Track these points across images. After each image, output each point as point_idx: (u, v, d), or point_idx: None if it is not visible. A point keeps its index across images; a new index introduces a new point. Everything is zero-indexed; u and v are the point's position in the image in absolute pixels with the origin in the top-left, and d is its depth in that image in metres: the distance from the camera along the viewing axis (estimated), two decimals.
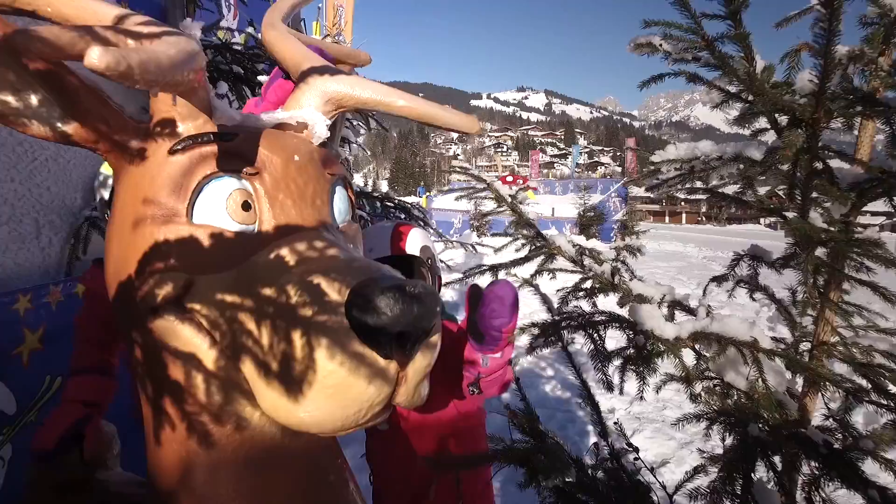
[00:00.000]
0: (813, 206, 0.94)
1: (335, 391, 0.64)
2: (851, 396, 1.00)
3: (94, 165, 2.17)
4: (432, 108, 0.95)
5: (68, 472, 1.35)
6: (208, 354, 0.74)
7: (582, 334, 1.09)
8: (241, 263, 0.74)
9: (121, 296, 0.78)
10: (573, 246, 1.41)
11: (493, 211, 1.83)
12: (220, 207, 0.76)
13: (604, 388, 1.28)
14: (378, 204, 3.89)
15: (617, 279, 1.28)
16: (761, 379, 0.96)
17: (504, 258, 1.65)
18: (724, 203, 1.10)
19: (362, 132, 6.73)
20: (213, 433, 0.78)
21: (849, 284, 1.09)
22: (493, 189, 1.66)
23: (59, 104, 0.74)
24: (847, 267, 1.06)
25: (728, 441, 1.07)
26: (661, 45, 0.90)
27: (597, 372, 1.26)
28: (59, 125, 0.75)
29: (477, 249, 4.23)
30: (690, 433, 3.80)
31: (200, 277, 0.74)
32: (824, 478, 0.83)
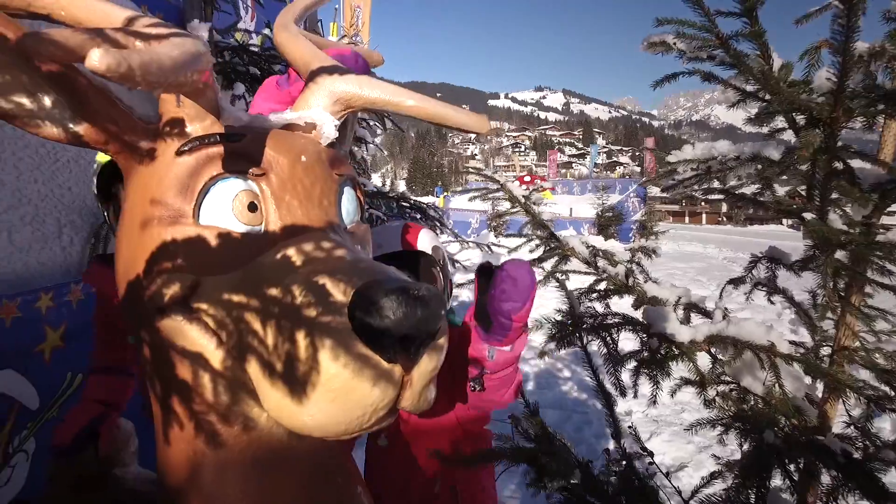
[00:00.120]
0: (833, 208, 0.92)
1: (338, 394, 0.64)
2: (873, 404, 0.97)
3: None
4: (442, 108, 0.94)
5: (85, 468, 1.37)
6: (215, 354, 0.74)
7: (594, 337, 1.07)
8: (248, 264, 0.74)
9: (129, 295, 0.79)
10: (587, 247, 1.39)
11: (508, 211, 1.82)
12: (226, 208, 0.77)
13: (617, 390, 1.26)
14: (394, 204, 3.89)
15: (631, 281, 1.26)
16: (778, 384, 0.94)
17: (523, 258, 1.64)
18: (741, 204, 1.07)
19: (379, 132, 6.75)
20: (220, 433, 0.78)
21: (871, 288, 1.05)
22: (506, 190, 1.65)
23: (69, 106, 0.74)
24: (870, 270, 1.03)
25: (745, 447, 1.05)
26: (675, 44, 0.88)
27: (609, 375, 1.24)
28: (70, 126, 0.75)
29: (492, 250, 4.21)
30: (709, 437, 3.73)
31: (207, 278, 0.74)
32: (843, 488, 0.80)
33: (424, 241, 1.44)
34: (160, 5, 2.68)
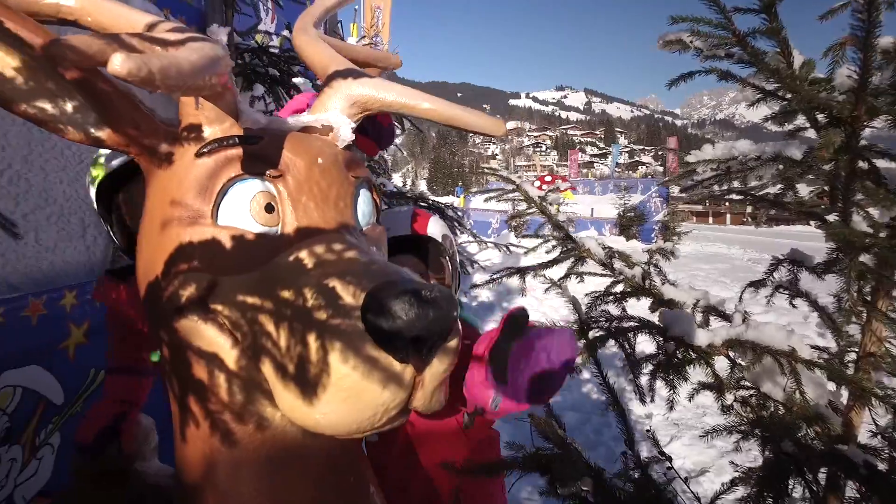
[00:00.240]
0: (856, 210, 0.89)
1: (349, 394, 0.65)
2: None
3: None
4: (457, 110, 0.95)
5: (108, 463, 1.40)
6: (230, 354, 0.76)
7: (608, 342, 1.06)
8: (264, 265, 0.75)
9: (149, 295, 0.81)
10: (603, 249, 1.38)
11: (524, 212, 1.81)
12: (243, 209, 0.78)
13: (636, 395, 1.25)
14: (412, 204, 3.91)
15: (648, 283, 1.25)
16: (799, 391, 0.92)
17: (537, 260, 1.63)
18: (761, 205, 1.05)
19: (398, 133, 6.78)
20: (235, 432, 0.79)
21: None
22: (521, 190, 1.65)
23: (93, 110, 0.76)
24: None
25: (764, 455, 1.03)
26: (691, 42, 0.86)
27: (628, 382, 1.22)
28: (92, 130, 0.77)
29: (511, 250, 4.20)
30: (732, 441, 3.68)
31: (224, 278, 0.76)
32: (866, 502, 0.78)
33: (434, 228, 1.40)
34: (182, 8, 2.73)
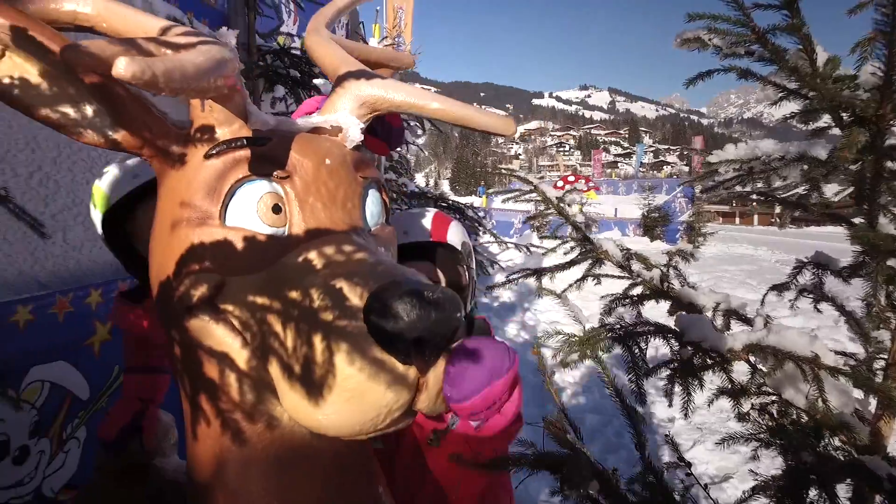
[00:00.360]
0: (883, 212, 0.86)
1: (353, 395, 0.65)
2: None
3: None
4: (467, 109, 0.94)
5: (130, 458, 1.43)
6: (240, 354, 0.76)
7: (622, 347, 1.04)
8: (271, 265, 0.76)
9: (161, 295, 0.82)
10: (621, 250, 1.35)
11: (542, 213, 1.79)
12: (251, 210, 0.78)
13: (663, 396, 1.22)
14: (433, 204, 3.91)
15: (666, 286, 1.22)
16: (821, 398, 0.88)
17: (557, 261, 1.61)
18: (785, 207, 1.02)
19: (420, 133, 6.80)
20: (245, 430, 0.79)
21: None
22: (539, 191, 1.63)
23: (109, 113, 0.78)
24: None
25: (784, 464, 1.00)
26: (710, 40, 0.84)
27: (650, 386, 1.19)
28: (109, 133, 0.79)
29: (531, 251, 4.17)
30: (754, 448, 3.59)
31: (232, 279, 0.76)
32: None
33: (454, 234, 1.37)
34: (205, 11, 2.78)
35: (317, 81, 2.85)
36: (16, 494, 1.77)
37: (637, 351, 1.05)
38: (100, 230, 1.30)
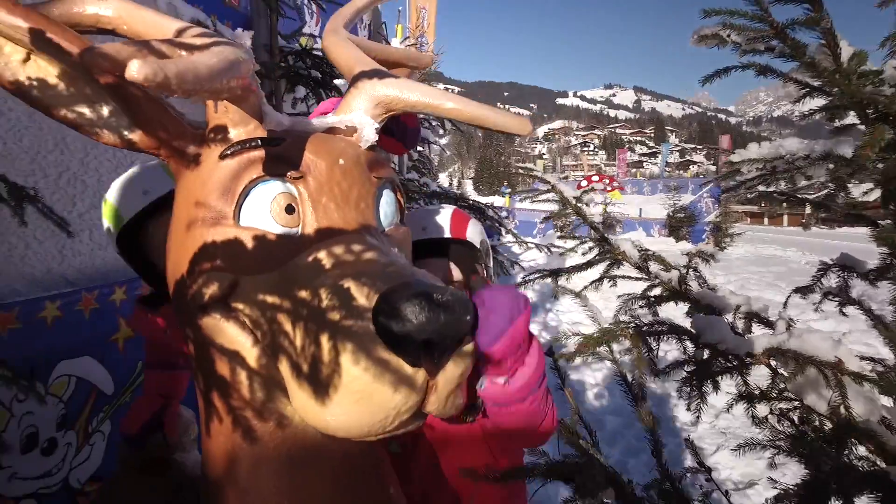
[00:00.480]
0: None
1: (360, 396, 0.65)
2: None
3: None
4: (482, 109, 0.93)
5: (153, 452, 1.46)
6: (251, 352, 0.77)
7: (635, 345, 1.02)
8: (284, 265, 0.76)
9: (176, 294, 0.83)
10: (639, 251, 1.33)
11: (559, 212, 1.77)
12: (264, 210, 0.79)
13: (684, 398, 1.19)
14: (452, 203, 3.91)
15: (684, 287, 1.20)
16: (844, 405, 0.86)
17: (578, 261, 1.59)
18: (810, 209, 0.99)
19: (441, 133, 6.80)
20: (256, 428, 0.80)
21: None
22: (556, 191, 1.61)
23: (126, 114, 0.79)
24: None
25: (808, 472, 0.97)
26: (728, 36, 0.82)
27: (673, 389, 1.17)
28: (126, 133, 0.80)
29: (552, 251, 4.14)
30: (778, 454, 3.50)
31: (245, 278, 0.77)
32: None
33: (473, 231, 1.35)
34: (228, 14, 2.82)
35: (337, 82, 2.87)
36: (44, 485, 1.82)
37: (648, 352, 1.03)
38: (114, 246, 1.31)
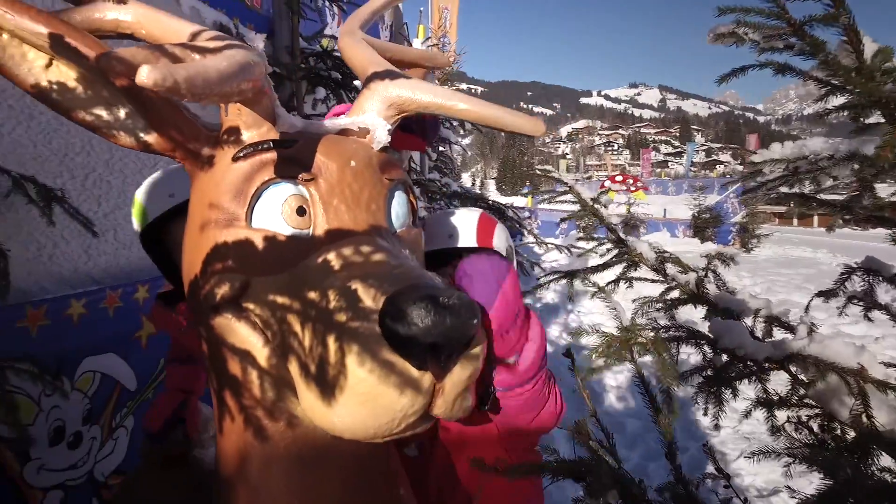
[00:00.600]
0: None
1: (366, 398, 0.65)
2: None
3: None
4: (494, 110, 0.93)
5: (175, 447, 1.49)
6: (262, 352, 0.78)
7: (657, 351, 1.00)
8: (294, 266, 0.77)
9: (191, 294, 0.84)
10: (656, 253, 1.31)
11: (576, 213, 1.75)
12: (276, 212, 0.80)
13: (701, 404, 1.17)
14: (470, 205, 3.90)
15: (702, 290, 1.17)
16: (866, 414, 0.83)
17: (598, 262, 1.57)
18: (827, 209, 0.96)
19: (462, 133, 6.79)
20: (267, 427, 0.81)
21: None
22: (574, 192, 1.60)
23: (141, 116, 0.81)
24: None
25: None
26: (746, 34, 0.80)
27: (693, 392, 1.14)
28: (141, 135, 0.82)
29: (571, 251, 4.10)
30: (799, 463, 3.40)
31: (256, 279, 0.78)
32: None
33: (499, 239, 1.34)
34: (251, 17, 2.85)
35: (357, 83, 2.89)
36: (70, 477, 1.87)
37: (669, 357, 1.00)
38: (140, 242, 1.36)
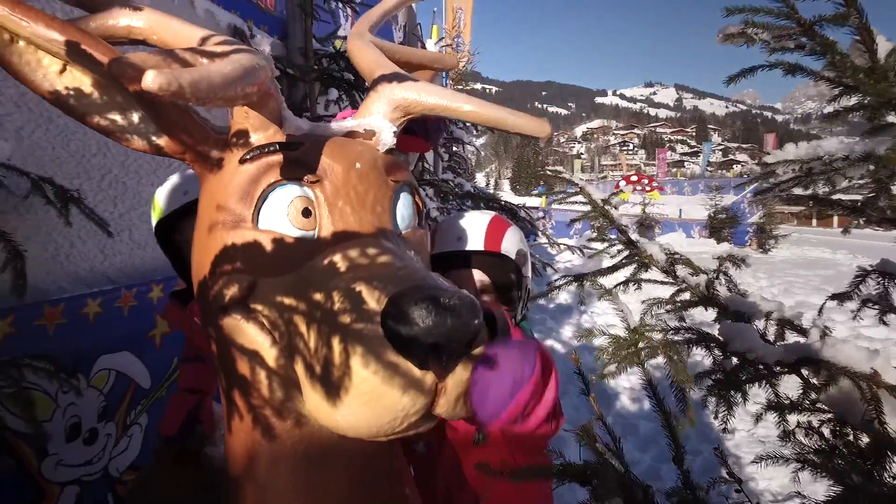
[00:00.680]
0: None
1: (369, 398, 0.65)
2: None
3: None
4: (500, 112, 0.93)
5: (194, 445, 1.51)
6: (269, 352, 0.79)
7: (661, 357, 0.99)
8: (300, 268, 0.78)
9: (199, 294, 0.86)
10: (666, 254, 1.30)
11: (586, 214, 1.74)
12: (282, 214, 0.81)
13: (710, 408, 1.16)
14: (482, 205, 3.90)
15: (712, 292, 1.16)
16: (878, 420, 0.81)
17: (611, 263, 1.56)
18: (840, 211, 0.94)
19: (475, 133, 6.79)
20: (274, 427, 0.82)
21: None
22: (585, 193, 1.59)
23: (153, 120, 0.82)
24: None
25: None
26: (757, 34, 0.79)
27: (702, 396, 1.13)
28: (153, 139, 0.83)
29: (584, 252, 4.08)
30: (810, 470, 3.34)
31: (263, 280, 0.79)
32: None
33: (509, 242, 1.32)
34: (265, 19, 2.88)
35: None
36: (86, 472, 1.90)
37: (680, 360, 0.99)
38: (154, 236, 1.40)
